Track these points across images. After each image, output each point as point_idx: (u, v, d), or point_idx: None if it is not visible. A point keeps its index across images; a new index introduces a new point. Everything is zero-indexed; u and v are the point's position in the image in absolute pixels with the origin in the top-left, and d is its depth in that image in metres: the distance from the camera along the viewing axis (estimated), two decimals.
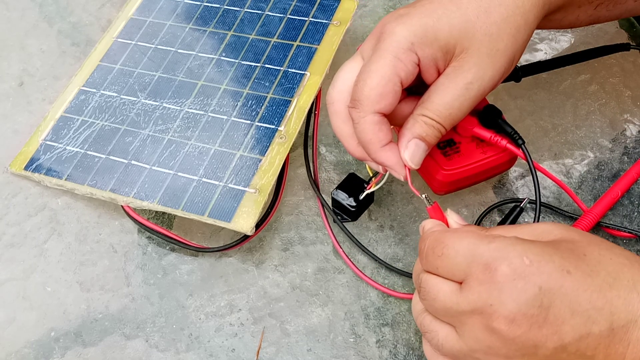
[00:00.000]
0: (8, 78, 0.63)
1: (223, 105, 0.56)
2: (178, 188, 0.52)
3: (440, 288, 0.38)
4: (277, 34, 0.60)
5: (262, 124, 0.54)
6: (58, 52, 0.65)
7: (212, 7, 0.64)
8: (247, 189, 0.51)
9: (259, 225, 0.51)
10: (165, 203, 0.51)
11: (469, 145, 0.50)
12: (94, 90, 0.59)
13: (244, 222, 0.49)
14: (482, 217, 0.53)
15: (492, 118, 0.50)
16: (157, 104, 0.57)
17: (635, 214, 0.54)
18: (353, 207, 0.51)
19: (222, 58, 0.60)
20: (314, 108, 0.56)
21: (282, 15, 0.61)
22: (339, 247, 0.52)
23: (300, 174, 0.56)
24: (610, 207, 0.53)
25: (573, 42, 0.64)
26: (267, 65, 0.58)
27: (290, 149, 0.53)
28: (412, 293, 0.50)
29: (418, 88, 0.45)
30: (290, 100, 0.55)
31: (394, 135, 0.44)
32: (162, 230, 0.52)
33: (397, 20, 0.43)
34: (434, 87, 0.43)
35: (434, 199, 0.44)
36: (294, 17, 0.61)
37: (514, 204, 0.51)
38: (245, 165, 0.52)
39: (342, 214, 0.52)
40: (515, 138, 0.49)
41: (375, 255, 0.52)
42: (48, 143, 0.57)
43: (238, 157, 0.53)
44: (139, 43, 0.62)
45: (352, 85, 0.44)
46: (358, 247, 0.52)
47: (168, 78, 0.59)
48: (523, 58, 0.61)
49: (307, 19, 0.60)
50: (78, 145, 0.56)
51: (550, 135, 0.58)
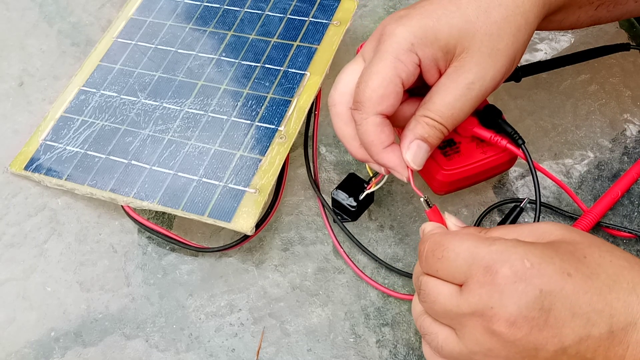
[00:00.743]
0: (8, 78, 0.63)
1: (223, 105, 0.56)
2: (178, 188, 0.52)
3: (440, 290, 0.38)
4: (277, 34, 0.60)
5: (262, 124, 0.54)
6: (58, 52, 0.65)
7: (212, 7, 0.63)
8: (247, 189, 0.51)
9: (259, 225, 0.51)
10: (165, 203, 0.51)
11: (469, 145, 0.50)
12: (94, 90, 0.59)
13: (244, 222, 0.49)
14: (482, 217, 0.53)
15: (492, 118, 0.50)
16: (157, 104, 0.57)
17: (635, 214, 0.54)
18: (353, 207, 0.51)
19: (222, 58, 0.59)
20: (314, 108, 0.56)
21: (282, 15, 0.61)
22: (340, 247, 0.52)
23: (300, 174, 0.56)
24: (610, 207, 0.53)
25: (573, 42, 0.64)
26: (267, 65, 0.58)
27: (290, 149, 0.53)
28: (412, 294, 0.50)
29: (420, 89, 0.45)
30: (290, 100, 0.55)
31: (396, 137, 0.45)
32: (162, 230, 0.52)
33: (397, 22, 0.43)
34: (436, 87, 0.43)
35: (435, 199, 0.44)
36: (294, 17, 0.61)
37: (514, 204, 0.51)
38: (245, 165, 0.52)
39: (342, 214, 0.52)
40: (515, 138, 0.49)
41: (375, 255, 0.52)
42: (48, 143, 0.56)
43: (238, 157, 0.53)
44: (139, 43, 0.62)
45: (353, 87, 0.44)
46: (358, 247, 0.52)
47: (168, 78, 0.59)
48: (523, 58, 0.61)
49: (307, 19, 0.60)
50: (78, 145, 0.56)
51: (550, 135, 0.58)
